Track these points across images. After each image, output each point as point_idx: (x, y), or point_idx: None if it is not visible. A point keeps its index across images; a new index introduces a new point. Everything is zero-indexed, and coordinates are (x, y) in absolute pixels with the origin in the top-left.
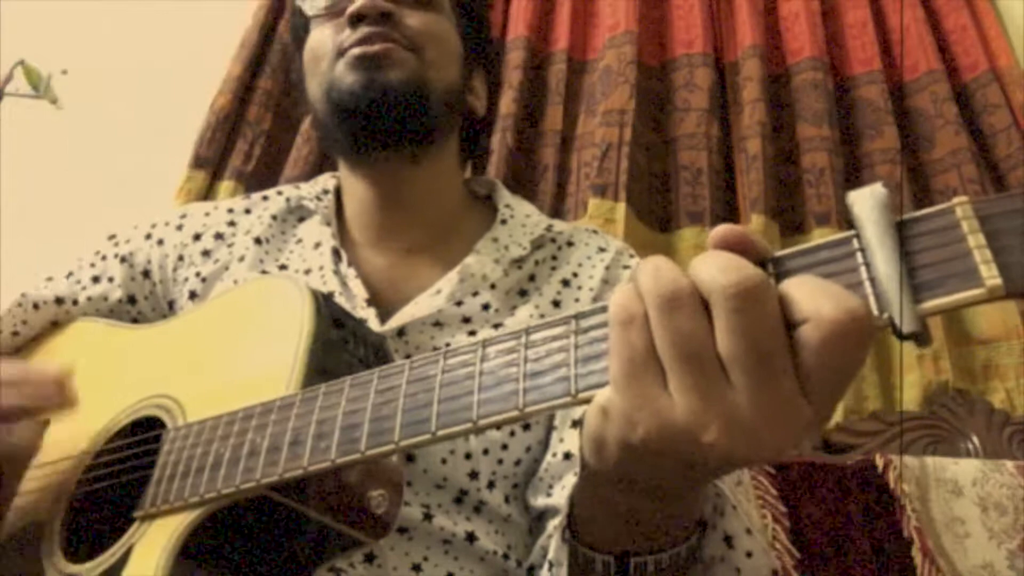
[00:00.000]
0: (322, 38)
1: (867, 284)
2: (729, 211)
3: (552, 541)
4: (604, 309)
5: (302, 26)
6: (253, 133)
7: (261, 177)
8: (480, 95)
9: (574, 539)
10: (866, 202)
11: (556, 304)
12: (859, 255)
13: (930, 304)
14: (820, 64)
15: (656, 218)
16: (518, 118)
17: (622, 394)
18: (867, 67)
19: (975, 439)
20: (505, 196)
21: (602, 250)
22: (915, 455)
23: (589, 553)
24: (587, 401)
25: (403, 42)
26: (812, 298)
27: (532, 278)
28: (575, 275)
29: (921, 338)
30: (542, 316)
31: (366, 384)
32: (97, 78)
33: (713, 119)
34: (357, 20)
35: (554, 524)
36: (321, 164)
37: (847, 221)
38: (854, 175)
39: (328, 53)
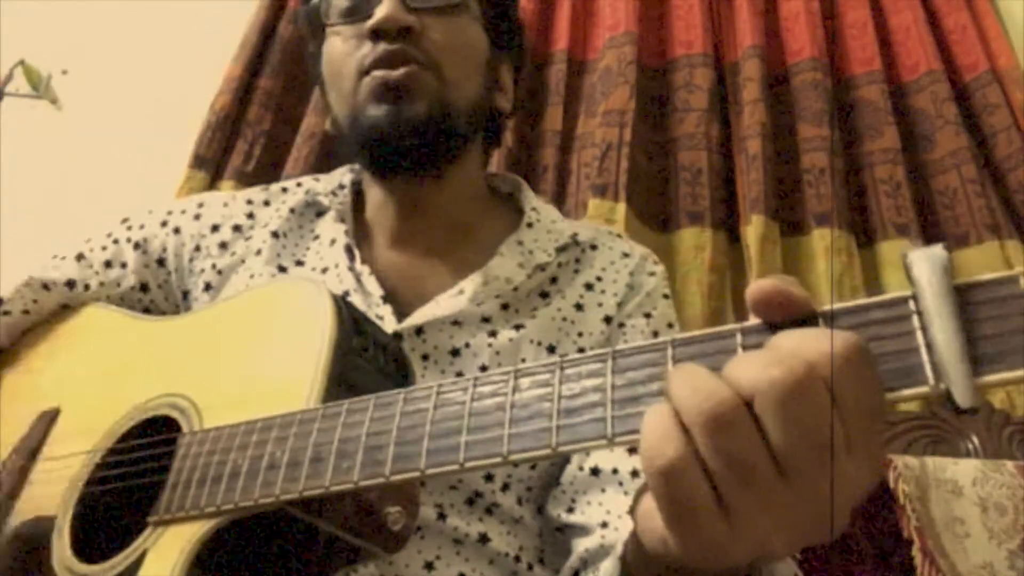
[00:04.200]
0: (344, 51)
1: (923, 350)
2: (729, 211)
3: None
4: (642, 350)
5: (317, 25)
6: (253, 133)
7: (261, 177)
8: (507, 88)
9: None
10: (924, 264)
11: (579, 307)
12: (915, 318)
13: (989, 379)
14: (820, 64)
15: (656, 218)
16: (518, 118)
17: (678, 538)
18: (867, 67)
19: (975, 439)
20: (531, 198)
21: (626, 255)
22: (915, 455)
23: None
24: (623, 444)
25: (423, 60)
26: (805, 343)
27: (554, 280)
28: (599, 279)
29: (974, 411)
30: (564, 319)
31: (391, 405)
32: (97, 78)
33: (713, 119)
34: (377, 35)
35: (584, 546)
36: (321, 164)
37: (848, 225)
38: (854, 175)
39: (351, 71)
